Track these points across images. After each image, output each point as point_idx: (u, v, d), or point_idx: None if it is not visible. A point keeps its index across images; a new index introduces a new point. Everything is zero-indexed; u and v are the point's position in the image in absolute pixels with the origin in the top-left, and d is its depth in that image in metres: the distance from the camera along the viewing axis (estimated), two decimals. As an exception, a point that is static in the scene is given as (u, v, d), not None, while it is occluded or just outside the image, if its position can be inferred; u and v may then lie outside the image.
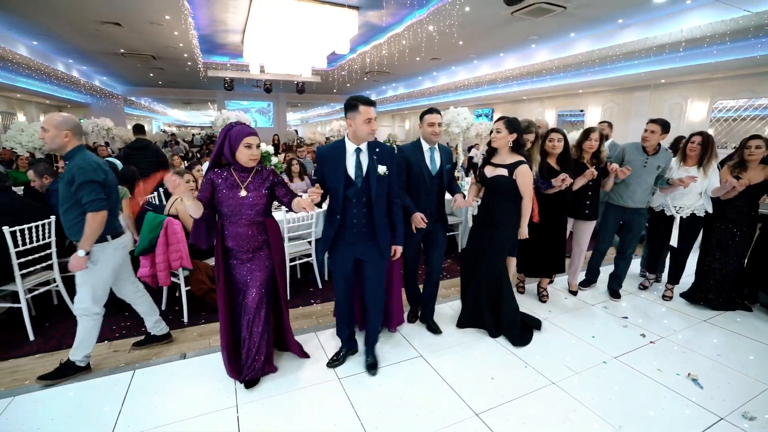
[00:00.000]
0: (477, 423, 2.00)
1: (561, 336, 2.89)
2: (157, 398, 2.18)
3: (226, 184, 2.10)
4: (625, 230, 3.49)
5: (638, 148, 3.30)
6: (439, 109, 2.67)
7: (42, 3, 6.68)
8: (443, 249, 2.85)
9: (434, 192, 2.70)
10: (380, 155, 2.21)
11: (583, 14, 7.12)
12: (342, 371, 2.43)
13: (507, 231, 2.73)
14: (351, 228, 2.21)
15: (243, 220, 2.13)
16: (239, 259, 2.20)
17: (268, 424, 1.98)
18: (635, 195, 3.28)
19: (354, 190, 2.16)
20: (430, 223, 2.67)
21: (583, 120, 11.55)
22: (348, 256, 2.29)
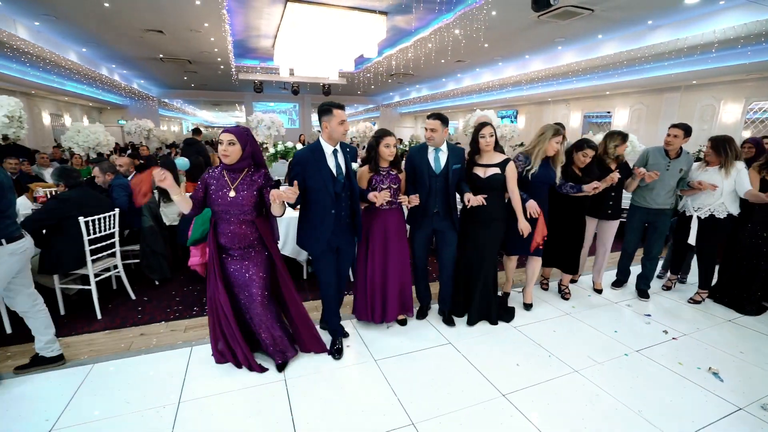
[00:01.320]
0: (504, 402, 2.18)
1: (584, 330, 3.02)
2: (214, 370, 2.45)
3: (217, 184, 2.21)
4: (651, 231, 3.58)
5: (661, 151, 3.41)
6: (440, 115, 2.75)
7: (95, 13, 7.22)
8: (454, 246, 2.95)
9: (438, 191, 2.79)
10: (351, 154, 2.48)
11: (612, 16, 7.12)
12: (377, 354, 2.65)
13: (503, 224, 2.97)
14: (338, 221, 2.43)
15: (234, 218, 2.22)
16: (232, 256, 2.29)
17: (318, 395, 2.23)
18: (659, 197, 3.40)
19: (340, 186, 2.37)
20: (438, 221, 2.85)
21: (610, 122, 11.40)
22: (333, 248, 2.51)
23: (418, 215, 2.88)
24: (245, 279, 2.29)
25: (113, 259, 3.46)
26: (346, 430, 1.96)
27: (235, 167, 2.20)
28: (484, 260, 2.94)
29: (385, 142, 2.65)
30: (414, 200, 2.64)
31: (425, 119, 2.84)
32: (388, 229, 2.77)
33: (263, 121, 6.77)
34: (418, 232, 2.94)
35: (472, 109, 17.42)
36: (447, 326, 3.03)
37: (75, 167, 3.38)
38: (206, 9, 6.98)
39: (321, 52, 8.54)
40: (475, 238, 2.94)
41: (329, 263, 2.54)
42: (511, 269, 3.34)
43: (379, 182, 2.69)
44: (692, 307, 3.43)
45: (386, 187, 2.67)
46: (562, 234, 3.30)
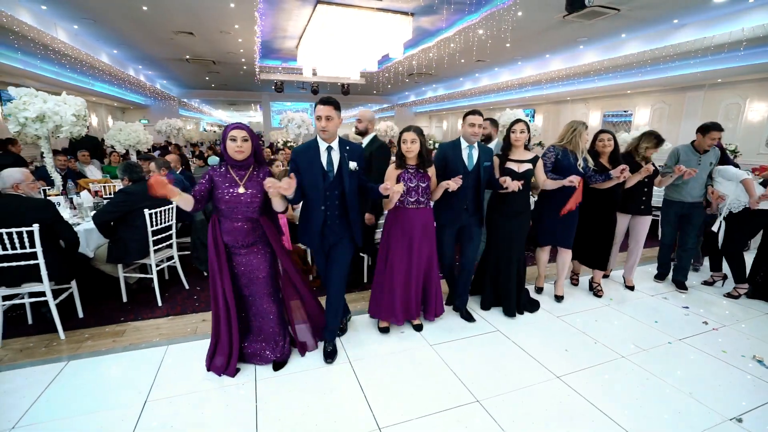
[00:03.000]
0: (560, 383, 2.32)
1: (624, 320, 3.14)
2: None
3: (224, 181, 2.19)
4: (685, 223, 3.70)
5: (690, 149, 3.57)
6: (481, 111, 2.82)
7: (133, 16, 7.51)
8: (478, 243, 3.02)
9: (470, 187, 2.83)
10: (350, 152, 2.40)
11: (637, 15, 7.16)
12: (432, 339, 2.81)
13: (529, 218, 3.13)
14: (328, 221, 2.40)
15: (239, 216, 2.21)
16: (237, 253, 2.29)
17: (384, 375, 2.39)
18: (693, 190, 3.56)
19: (328, 184, 2.35)
20: (466, 217, 2.89)
21: (631, 121, 11.38)
22: (325, 246, 2.48)
23: (447, 211, 2.91)
24: (250, 274, 2.31)
25: (170, 250, 3.67)
26: (419, 406, 2.12)
27: (243, 164, 2.20)
28: (515, 251, 3.07)
29: (402, 138, 2.62)
30: (458, 181, 2.58)
31: (470, 115, 2.78)
32: (416, 229, 2.72)
33: (294, 120, 6.97)
34: (447, 229, 2.96)
35: (489, 108, 17.49)
36: (489, 315, 3.17)
37: (137, 162, 3.58)
38: (239, 11, 7.21)
39: (346, 52, 8.72)
40: (506, 230, 3.05)
41: (320, 263, 2.58)
42: (544, 262, 3.48)
43: (407, 180, 2.65)
44: (729, 301, 3.51)
45: (414, 186, 2.64)
46: (594, 230, 3.40)
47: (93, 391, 2.22)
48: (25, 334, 2.90)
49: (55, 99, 3.60)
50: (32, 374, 2.38)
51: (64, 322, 2.85)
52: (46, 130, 3.52)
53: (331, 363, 2.50)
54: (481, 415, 2.05)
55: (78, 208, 3.62)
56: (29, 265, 2.68)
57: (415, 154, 2.61)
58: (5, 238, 2.56)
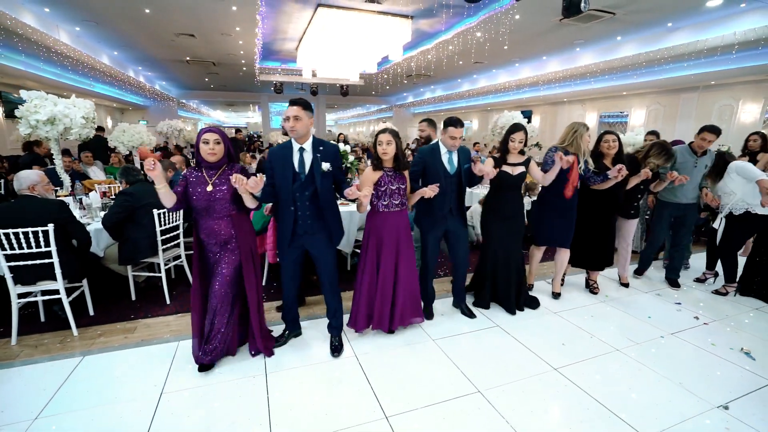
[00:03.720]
0: (557, 375, 2.43)
1: (619, 315, 3.25)
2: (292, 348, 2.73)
3: (196, 181, 2.29)
4: (679, 224, 3.82)
5: (687, 150, 3.68)
6: (463, 122, 2.83)
7: (135, 18, 7.57)
8: (466, 242, 3.09)
9: (452, 191, 2.89)
10: (324, 153, 2.41)
11: (632, 19, 7.29)
12: (434, 334, 2.91)
13: (523, 219, 3.24)
14: (299, 220, 2.42)
15: (212, 214, 2.31)
16: (211, 251, 2.39)
17: (389, 368, 2.50)
18: (688, 192, 3.66)
19: (299, 185, 2.37)
20: (451, 220, 2.95)
21: (626, 122, 11.53)
22: (296, 246, 2.49)
23: (432, 216, 2.93)
24: (215, 272, 2.39)
25: (177, 249, 3.75)
26: (423, 396, 2.22)
27: (216, 165, 2.30)
28: (512, 251, 3.16)
29: (378, 140, 2.59)
30: (434, 189, 2.61)
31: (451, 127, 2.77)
32: (400, 232, 2.74)
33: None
34: (431, 233, 2.99)
35: (486, 109, 17.64)
36: (488, 312, 3.27)
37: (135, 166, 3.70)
38: (241, 14, 7.30)
39: (346, 54, 8.81)
40: (501, 233, 3.13)
41: (287, 263, 2.56)
42: (537, 260, 3.59)
43: (388, 183, 2.64)
44: (720, 298, 3.63)
45: (395, 188, 2.66)
46: (594, 233, 3.47)
47: (109, 385, 2.31)
48: (38, 331, 2.98)
49: (65, 102, 3.69)
50: (49, 369, 2.47)
51: (76, 319, 2.93)
52: (57, 133, 3.61)
53: (337, 357, 2.60)
54: (483, 404, 2.15)
55: (87, 208, 3.70)
56: (44, 263, 2.77)
57: (391, 156, 2.58)
58: (22, 238, 2.65)
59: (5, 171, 6.64)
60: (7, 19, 6.25)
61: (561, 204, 3.27)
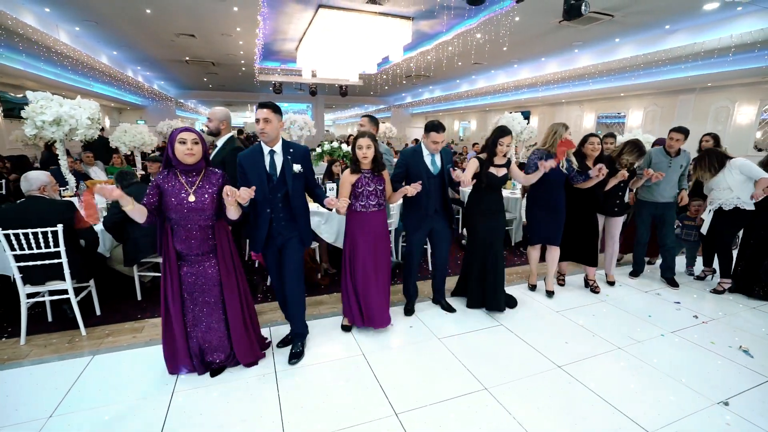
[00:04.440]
0: (561, 373, 2.47)
1: (620, 314, 3.31)
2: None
3: (173, 189, 2.11)
4: (660, 224, 3.91)
5: (662, 151, 3.80)
6: (444, 127, 2.91)
7: (135, 18, 7.58)
8: (449, 242, 3.19)
9: (436, 190, 2.99)
10: (294, 155, 2.43)
11: (631, 21, 7.37)
12: (439, 332, 2.96)
13: (504, 215, 3.31)
14: (272, 222, 2.43)
15: (191, 224, 2.16)
16: (189, 262, 2.25)
17: (397, 366, 2.54)
18: (664, 191, 3.79)
19: (271, 187, 2.38)
20: (437, 219, 3.04)
21: (624, 122, 11.63)
22: (272, 249, 2.51)
23: (417, 216, 3.02)
24: (196, 284, 2.26)
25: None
26: (431, 393, 2.26)
27: (194, 168, 2.15)
28: (496, 249, 3.19)
29: (357, 144, 2.68)
30: (416, 187, 2.68)
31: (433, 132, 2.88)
32: (377, 231, 2.82)
33: (296, 122, 7.08)
34: (417, 233, 3.07)
35: (485, 109, 17.72)
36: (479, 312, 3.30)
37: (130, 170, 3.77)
38: (242, 14, 7.32)
39: (346, 55, 8.84)
40: (485, 229, 3.18)
41: (271, 264, 2.59)
42: (535, 260, 3.68)
43: (365, 185, 2.73)
44: (718, 296, 3.70)
45: (372, 190, 2.74)
46: (579, 228, 3.58)
47: (121, 384, 2.34)
48: (46, 330, 3.00)
49: (71, 102, 3.70)
50: (60, 368, 2.49)
51: (83, 319, 2.95)
52: (62, 134, 3.62)
53: (295, 363, 2.53)
54: (490, 401, 2.20)
55: (92, 209, 3.72)
56: (53, 263, 2.79)
57: (370, 159, 2.68)
58: (31, 238, 2.67)
59: (6, 171, 6.63)
60: (8, 18, 6.24)
61: (549, 202, 3.40)
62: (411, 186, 2.72)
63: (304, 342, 2.71)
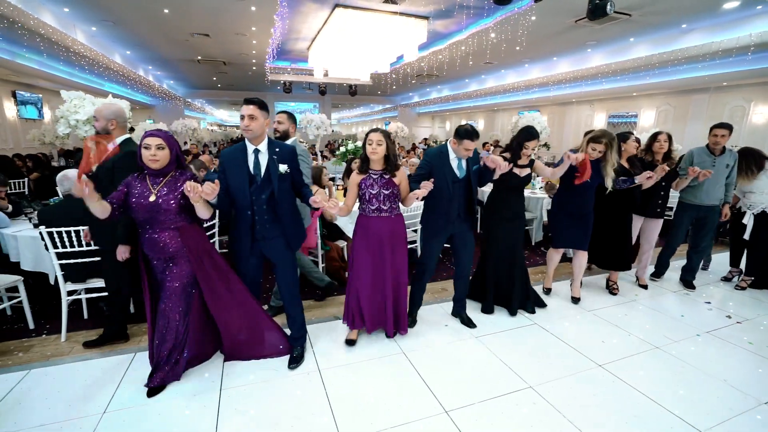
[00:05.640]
0: (603, 371, 2.48)
1: (652, 314, 3.31)
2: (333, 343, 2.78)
3: (138, 189, 2.10)
4: (699, 226, 3.83)
5: (704, 150, 3.67)
6: (479, 134, 2.69)
7: (152, 18, 7.61)
8: (473, 248, 2.97)
9: (460, 195, 2.78)
10: (280, 154, 2.31)
11: (647, 20, 7.34)
12: (476, 331, 2.97)
13: (524, 220, 3.24)
14: (257, 225, 2.32)
15: (156, 226, 2.13)
16: (156, 267, 2.22)
17: (439, 364, 2.55)
18: (709, 193, 3.64)
19: (255, 188, 2.27)
20: (459, 224, 2.84)
21: (636, 122, 11.59)
22: (255, 253, 2.40)
23: (438, 223, 2.84)
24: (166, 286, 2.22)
25: (211, 248, 3.80)
26: (477, 391, 2.28)
27: (160, 172, 2.13)
28: (517, 252, 3.16)
29: (368, 138, 2.46)
30: (428, 185, 2.45)
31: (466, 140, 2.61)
32: (381, 238, 2.60)
33: (313, 122, 7.10)
34: (434, 240, 2.90)
35: (493, 109, 17.69)
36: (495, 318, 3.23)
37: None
38: (259, 14, 7.34)
39: (359, 54, 8.84)
40: (503, 233, 3.11)
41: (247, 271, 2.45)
42: (554, 263, 3.59)
43: (368, 186, 2.53)
44: (748, 296, 3.70)
45: (376, 192, 2.52)
46: (611, 232, 3.50)
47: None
48: (84, 327, 3.03)
49: (103, 101, 3.73)
50: (105, 365, 2.52)
51: (120, 316, 2.97)
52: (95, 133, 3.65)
53: (295, 368, 2.46)
54: (537, 399, 2.21)
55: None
56: (93, 261, 2.82)
57: (380, 156, 2.47)
58: (73, 236, 2.70)
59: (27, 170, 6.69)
60: (30, 18, 6.29)
61: (577, 208, 3.30)
62: (423, 187, 2.45)
63: (304, 345, 2.61)
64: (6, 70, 8.85)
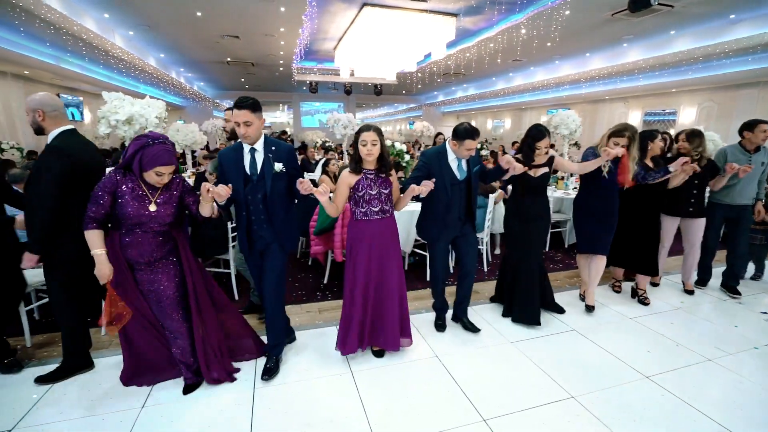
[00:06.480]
0: (651, 384, 2.33)
1: (701, 324, 3.10)
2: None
3: (132, 194, 1.97)
4: (733, 226, 3.62)
5: (738, 148, 3.49)
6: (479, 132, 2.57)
7: (186, 22, 7.83)
8: (476, 247, 2.88)
9: (461, 197, 2.69)
10: (276, 153, 2.26)
11: (691, 11, 6.94)
12: (511, 336, 2.87)
13: (548, 221, 3.04)
14: (253, 225, 2.28)
15: (148, 231, 2.04)
16: (140, 270, 2.09)
17: (474, 370, 2.47)
18: (743, 192, 3.49)
19: (250, 187, 2.23)
20: (459, 226, 2.74)
21: (675, 120, 11.03)
22: (255, 252, 2.36)
23: (437, 227, 2.73)
24: (157, 292, 2.11)
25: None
26: (515, 399, 2.18)
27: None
28: (538, 255, 3.02)
29: (361, 138, 2.29)
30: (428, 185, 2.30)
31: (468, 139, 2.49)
32: (382, 242, 2.44)
33: (340, 121, 7.12)
34: (439, 243, 2.79)
35: (520, 108, 17.29)
36: (558, 314, 3.17)
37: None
38: (288, 15, 7.42)
39: (386, 53, 8.80)
40: (524, 235, 2.95)
41: (252, 269, 2.47)
42: (585, 268, 3.32)
43: (366, 188, 2.36)
44: (809, 307, 3.41)
45: (375, 194, 2.38)
46: (637, 233, 3.29)
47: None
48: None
49: (141, 102, 3.84)
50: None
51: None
52: (133, 132, 3.76)
53: (268, 380, 2.33)
54: (580, 410, 2.10)
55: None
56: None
57: (375, 157, 2.32)
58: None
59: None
60: (74, 24, 6.59)
61: (600, 208, 3.08)
62: (424, 186, 2.30)
63: (279, 357, 2.49)
64: (51, 74, 9.33)
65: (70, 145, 2.20)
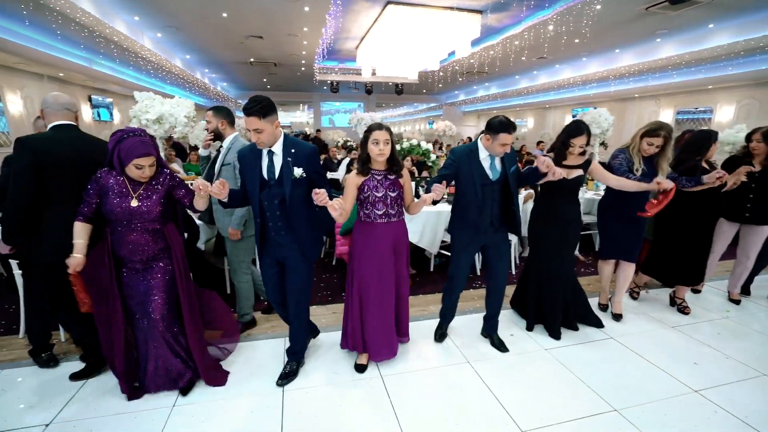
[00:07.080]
0: (700, 399, 2.18)
1: (752, 335, 2.90)
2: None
3: (116, 190, 1.95)
4: None
5: None
6: (516, 126, 2.36)
7: (212, 23, 7.95)
8: (509, 261, 2.65)
9: (494, 200, 2.44)
10: (296, 156, 2.07)
11: (732, 3, 6.59)
12: (545, 343, 2.75)
13: (580, 226, 2.83)
14: (270, 231, 2.16)
15: (135, 227, 2.00)
16: (133, 269, 2.06)
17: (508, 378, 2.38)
18: None
19: (266, 193, 2.09)
20: (491, 233, 2.49)
21: (710, 118, 10.52)
22: (272, 259, 2.25)
23: (467, 232, 2.50)
24: (143, 294, 2.07)
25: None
26: (554, 411, 2.08)
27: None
28: (569, 262, 2.82)
29: (373, 137, 2.15)
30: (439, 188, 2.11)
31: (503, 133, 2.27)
32: (387, 247, 2.30)
33: (363, 120, 7.10)
34: (464, 253, 2.57)
35: (544, 107, 16.89)
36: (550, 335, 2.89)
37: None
38: (312, 14, 7.44)
39: (409, 52, 8.72)
40: (553, 241, 2.73)
41: (269, 277, 2.31)
42: (608, 276, 3.17)
43: (372, 189, 2.22)
44: None
45: (381, 196, 2.23)
46: (687, 239, 3.07)
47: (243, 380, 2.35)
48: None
49: (171, 102, 3.90)
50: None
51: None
52: (163, 131, 3.82)
53: (284, 384, 2.28)
54: (623, 425, 1.98)
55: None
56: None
57: (386, 157, 2.20)
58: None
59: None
60: (106, 27, 6.78)
61: (628, 213, 2.83)
62: (433, 188, 2.12)
63: (300, 361, 2.44)
64: (84, 75, 9.64)
65: (39, 139, 2.13)
